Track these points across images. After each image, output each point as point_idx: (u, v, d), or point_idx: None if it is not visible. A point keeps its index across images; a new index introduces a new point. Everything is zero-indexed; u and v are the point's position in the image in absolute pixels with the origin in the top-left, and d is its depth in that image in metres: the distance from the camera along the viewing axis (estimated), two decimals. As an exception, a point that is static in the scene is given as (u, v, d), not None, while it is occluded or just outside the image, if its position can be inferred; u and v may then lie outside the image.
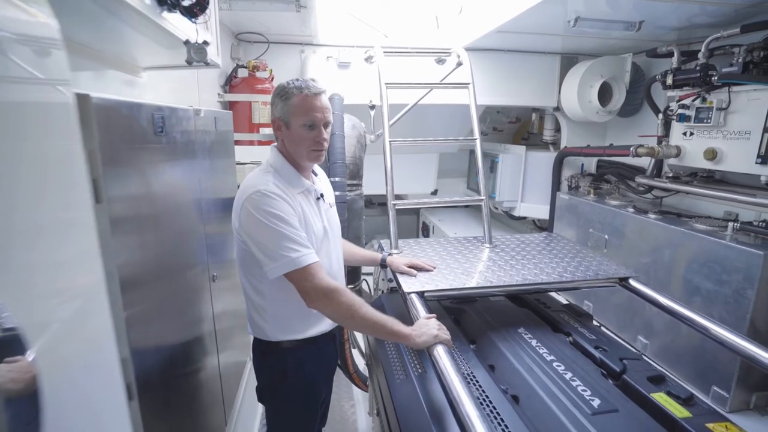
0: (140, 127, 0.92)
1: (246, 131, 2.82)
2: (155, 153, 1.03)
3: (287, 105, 1.44)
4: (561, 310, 2.12)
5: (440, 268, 2.00)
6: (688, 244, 2.36)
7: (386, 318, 1.47)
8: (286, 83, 1.47)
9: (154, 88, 1.76)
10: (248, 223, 1.39)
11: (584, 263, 2.09)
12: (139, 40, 1.23)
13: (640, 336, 2.71)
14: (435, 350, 1.37)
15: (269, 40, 2.96)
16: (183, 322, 1.34)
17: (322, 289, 1.39)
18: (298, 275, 1.38)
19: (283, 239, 1.36)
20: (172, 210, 1.18)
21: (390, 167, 2.38)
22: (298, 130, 1.45)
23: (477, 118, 2.54)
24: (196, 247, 1.44)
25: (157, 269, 1.10)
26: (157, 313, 1.10)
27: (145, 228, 1.01)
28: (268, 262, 1.38)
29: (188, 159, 1.32)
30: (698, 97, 2.35)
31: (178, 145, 1.21)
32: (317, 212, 1.59)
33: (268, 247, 1.37)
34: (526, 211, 4.06)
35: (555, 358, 1.62)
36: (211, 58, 1.43)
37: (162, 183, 1.10)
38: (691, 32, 2.68)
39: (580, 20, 2.32)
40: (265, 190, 1.38)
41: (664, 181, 2.70)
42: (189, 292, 1.38)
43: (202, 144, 1.46)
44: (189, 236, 1.37)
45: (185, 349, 1.35)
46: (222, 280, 1.77)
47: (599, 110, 3.18)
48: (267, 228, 1.36)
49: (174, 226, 1.20)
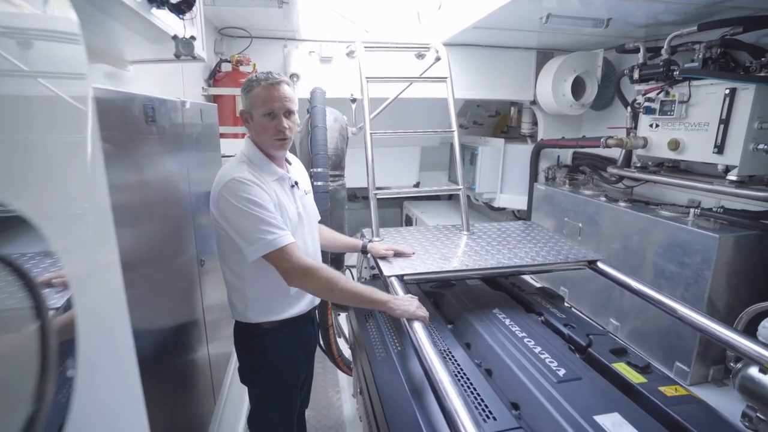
0: (133, 117, 0.98)
1: (231, 124, 2.87)
2: (147, 142, 1.09)
3: (249, 97, 1.51)
4: (534, 293, 2.24)
5: (419, 253, 2.09)
6: (654, 229, 2.51)
7: (365, 287, 1.57)
8: (251, 77, 1.53)
9: (140, 81, 1.80)
10: (225, 209, 1.44)
11: (556, 248, 2.20)
12: (126, 35, 1.28)
13: (612, 319, 2.86)
14: (413, 325, 1.46)
15: (252, 35, 3.00)
16: (175, 310, 1.40)
17: (301, 267, 1.45)
18: (276, 256, 1.44)
19: (259, 222, 1.42)
20: (163, 198, 1.24)
21: (371, 158, 2.46)
22: (260, 120, 1.51)
23: (454, 111, 2.63)
24: (186, 235, 1.50)
25: (149, 256, 1.16)
26: (150, 300, 1.16)
27: (138, 216, 1.07)
28: (246, 245, 1.44)
29: (177, 149, 1.37)
30: (662, 91, 2.49)
31: (168, 136, 1.27)
32: (292, 199, 1.64)
33: (246, 231, 1.43)
34: (506, 202, 4.18)
35: (526, 335, 1.74)
36: (197, 52, 1.49)
37: (154, 172, 1.16)
38: (657, 29, 2.82)
39: (551, 17, 2.43)
40: (239, 177, 1.44)
41: (633, 171, 2.85)
42: (180, 280, 1.44)
43: (189, 135, 1.52)
44: (179, 225, 1.43)
45: (177, 336, 1.41)
46: (211, 272, 1.82)
47: (573, 104, 3.31)
48: (243, 213, 1.42)
49: (165, 215, 1.26)
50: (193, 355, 1.56)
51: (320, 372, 3.42)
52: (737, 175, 2.21)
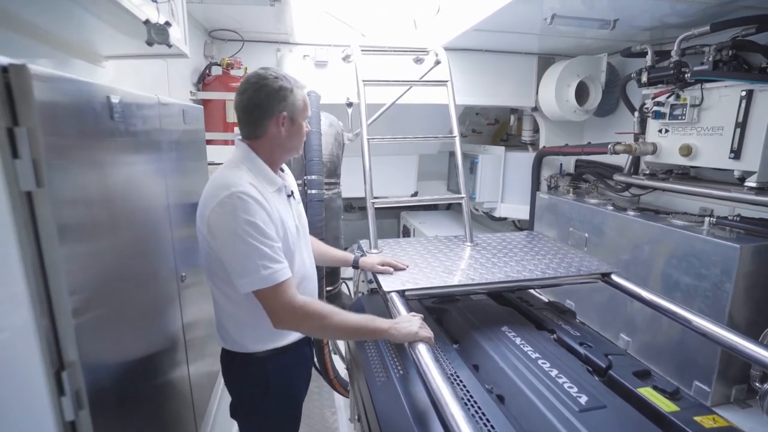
0: (92, 110, 0.84)
1: (220, 130, 2.73)
2: (111, 141, 0.95)
3: (295, 100, 1.39)
4: (544, 308, 2.09)
5: (421, 266, 1.95)
6: (666, 239, 2.38)
7: (362, 319, 1.40)
8: (283, 77, 1.38)
9: (119, 80, 1.66)
10: (219, 229, 1.27)
11: (566, 260, 2.07)
12: (97, 24, 1.15)
13: (622, 334, 2.72)
14: (416, 348, 1.31)
15: (244, 38, 2.88)
16: (147, 329, 1.24)
17: (291, 307, 1.30)
18: (267, 293, 1.28)
19: (255, 254, 1.26)
20: (133, 208, 1.08)
21: (368, 165, 2.32)
22: (302, 125, 1.45)
23: (456, 115, 2.51)
24: (162, 249, 1.35)
25: (114, 273, 1.01)
26: (115, 322, 1.00)
27: (99, 223, 0.92)
28: (237, 276, 1.28)
29: (151, 152, 1.23)
30: (672, 94, 2.38)
31: (140, 135, 1.12)
32: (290, 211, 1.51)
33: (239, 261, 1.27)
34: (507, 212, 4.06)
35: (540, 355, 1.59)
36: (177, 46, 1.36)
37: (120, 177, 1.01)
38: (662, 32, 2.73)
39: (556, 17, 2.33)
40: (240, 192, 1.26)
41: (641, 178, 2.73)
42: (155, 297, 1.28)
43: (168, 137, 1.37)
44: (153, 238, 1.28)
45: (150, 358, 1.25)
46: (195, 286, 1.67)
47: (576, 109, 3.20)
48: (240, 240, 1.25)
49: (135, 227, 1.11)
50: (170, 378, 1.39)
51: (314, 391, 3.24)
52: (756, 182, 2.09)
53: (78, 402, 0.74)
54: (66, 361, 0.72)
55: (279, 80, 1.37)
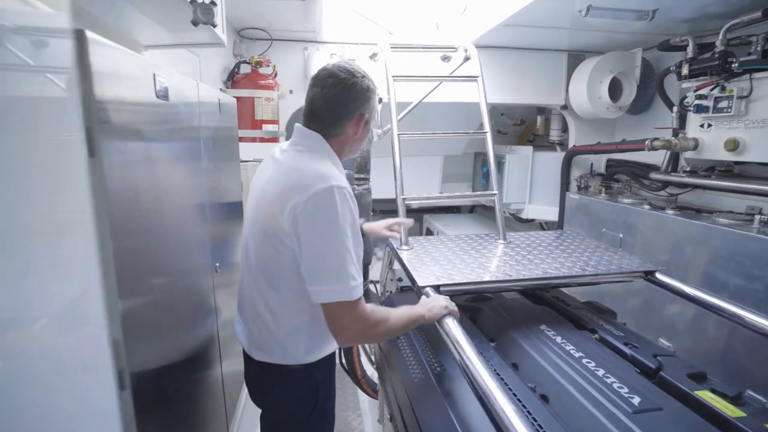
0: (142, 86, 0.82)
1: (249, 128, 2.74)
2: (158, 118, 0.93)
3: (373, 103, 1.32)
4: (582, 308, 2.01)
5: (454, 263, 1.89)
6: (711, 239, 2.26)
7: (405, 311, 1.35)
8: (367, 76, 1.28)
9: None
10: (311, 224, 1.11)
11: (605, 257, 1.98)
12: (132, 12, 1.14)
13: (662, 338, 2.59)
14: (446, 324, 1.33)
15: (272, 36, 2.89)
16: (185, 318, 1.22)
17: (365, 321, 1.18)
18: (344, 306, 1.14)
19: (347, 260, 1.11)
20: (175, 186, 1.07)
21: (399, 162, 2.29)
22: (371, 128, 1.42)
23: (487, 111, 2.46)
24: (201, 239, 1.33)
25: (157, 264, 0.99)
26: (157, 312, 0.98)
27: (145, 198, 0.90)
28: (317, 282, 1.13)
29: (193, 135, 1.22)
30: (716, 86, 2.27)
31: (182, 117, 1.11)
32: None
33: (326, 264, 1.12)
34: (535, 213, 3.96)
35: (583, 354, 1.51)
36: (216, 33, 1.35)
37: (166, 154, 1.00)
38: (702, 24, 2.62)
39: (592, 9, 2.25)
40: (341, 185, 1.13)
41: (681, 175, 2.61)
42: (192, 285, 1.26)
43: (205, 125, 1.36)
44: (193, 227, 1.26)
45: (187, 348, 1.23)
46: (226, 286, 1.65)
47: (610, 106, 3.11)
48: (334, 239, 1.10)
49: (177, 204, 1.09)
50: (205, 372, 1.36)
51: (339, 392, 3.19)
52: (812, 177, 1.97)
53: (121, 383, 0.71)
54: (110, 339, 0.70)
55: (366, 79, 1.28)
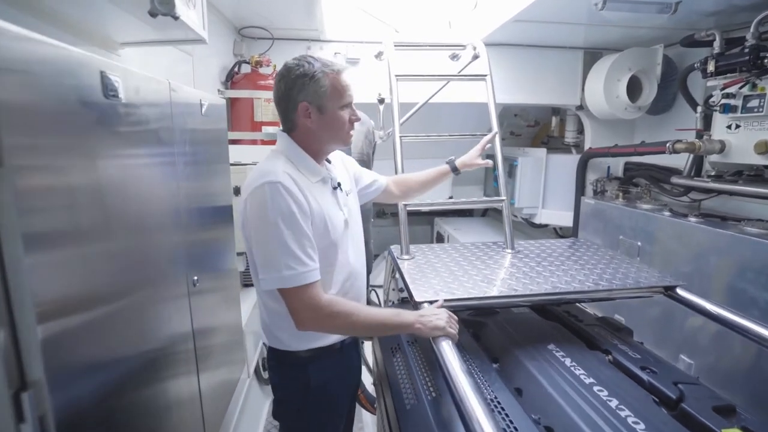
0: (81, 84, 0.73)
1: (248, 130, 2.65)
2: (106, 121, 0.84)
3: (317, 87, 1.27)
4: (595, 324, 1.86)
5: (457, 275, 1.76)
6: (739, 249, 2.08)
7: (388, 313, 1.34)
8: (305, 63, 1.27)
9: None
10: (251, 221, 1.23)
11: (621, 270, 1.83)
12: (110, 8, 1.05)
13: (683, 355, 2.42)
14: (440, 345, 1.23)
15: (273, 35, 2.81)
16: (146, 339, 1.11)
17: (312, 308, 1.23)
18: (287, 293, 1.24)
19: (280, 249, 1.20)
20: (131, 192, 0.97)
21: (400, 165, 2.17)
22: (335, 114, 1.32)
23: (496, 111, 2.32)
24: (172, 252, 1.23)
25: (104, 272, 0.89)
26: (104, 330, 0.88)
27: (82, 219, 0.80)
28: (261, 271, 1.25)
29: (162, 137, 1.12)
30: (746, 84, 2.10)
31: (146, 117, 1.01)
32: (336, 204, 1.43)
33: (263, 255, 1.23)
34: (548, 218, 3.80)
35: (595, 380, 1.37)
36: (194, 29, 1.25)
37: (116, 157, 0.90)
38: (729, 17, 2.44)
39: (609, 2, 2.10)
40: (275, 180, 1.20)
41: (705, 180, 2.43)
42: (156, 304, 1.16)
43: (181, 129, 1.27)
44: (161, 240, 1.16)
45: (148, 371, 1.11)
46: (210, 292, 1.55)
47: (628, 106, 2.93)
48: (266, 231, 1.20)
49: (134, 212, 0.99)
50: (173, 392, 1.26)
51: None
52: None
53: (42, 430, 0.61)
54: (29, 380, 0.60)
55: (300, 67, 1.27)
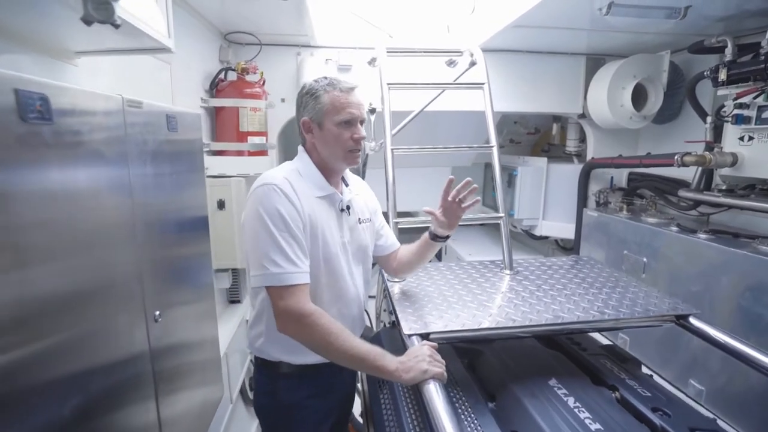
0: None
1: (233, 140, 2.52)
2: (26, 149, 0.71)
3: (317, 103, 1.34)
4: (601, 353, 1.72)
5: (450, 301, 1.63)
6: (754, 270, 1.95)
7: (370, 351, 1.23)
8: (314, 81, 1.38)
9: (103, 84, 1.46)
10: (246, 221, 1.29)
11: (628, 296, 1.69)
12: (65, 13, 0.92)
13: (693, 380, 2.27)
14: (427, 390, 1.10)
15: (261, 41, 2.68)
16: (87, 378, 0.97)
17: (295, 312, 1.22)
18: (273, 292, 1.25)
19: (270, 247, 1.23)
20: (63, 228, 0.84)
21: (392, 179, 2.05)
22: (334, 130, 1.34)
23: (493, 122, 2.19)
24: (125, 282, 1.10)
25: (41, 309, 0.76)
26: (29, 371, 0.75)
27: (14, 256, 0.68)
28: (251, 268, 1.29)
29: (109, 160, 0.99)
30: (762, 93, 1.97)
31: (87, 143, 0.88)
32: (337, 224, 1.43)
33: (254, 252, 1.26)
34: (549, 230, 3.66)
35: (601, 426, 1.23)
36: (153, 37, 1.12)
37: (49, 190, 0.77)
38: (739, 22, 2.31)
39: (614, 6, 1.97)
40: (272, 183, 1.27)
41: (716, 195, 2.30)
42: (101, 328, 1.01)
43: (142, 135, 1.14)
44: (109, 268, 1.02)
45: (87, 402, 0.97)
46: (177, 310, 1.41)
47: (633, 115, 2.80)
48: (258, 229, 1.25)
49: (64, 250, 0.86)
50: (124, 421, 1.11)
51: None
52: None
53: None
54: None
55: (309, 86, 1.37)
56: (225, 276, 2.65)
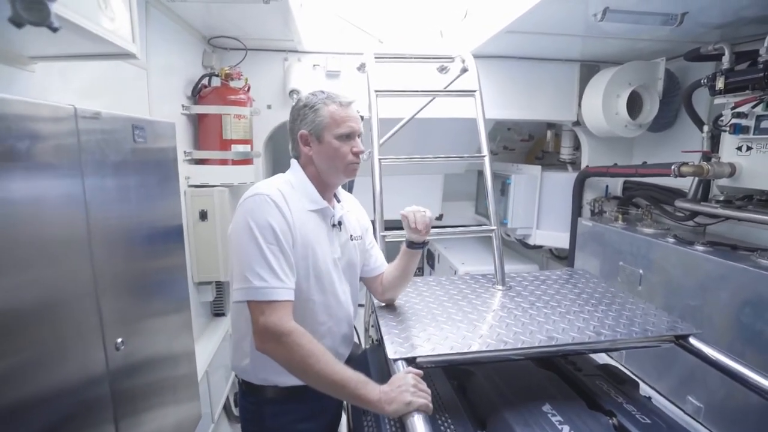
0: None
1: (217, 149, 2.43)
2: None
3: (316, 116, 1.33)
4: (597, 374, 1.64)
5: (439, 320, 1.55)
6: (754, 285, 1.88)
7: (352, 377, 1.15)
8: (312, 95, 1.37)
9: (67, 91, 1.37)
10: (233, 230, 1.26)
11: (625, 313, 1.62)
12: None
13: (691, 397, 2.20)
14: (410, 422, 1.04)
15: (247, 46, 2.60)
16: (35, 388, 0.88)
17: (275, 329, 1.17)
18: (254, 307, 1.20)
19: (256, 259, 1.20)
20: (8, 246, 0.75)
21: (379, 190, 1.97)
22: (333, 143, 1.33)
23: (485, 131, 2.12)
24: (81, 306, 1.01)
25: None
26: None
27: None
28: (233, 282, 1.25)
29: (59, 178, 0.90)
30: (760, 103, 1.91)
31: (31, 156, 0.80)
32: (328, 239, 1.40)
33: (238, 263, 1.22)
34: (543, 240, 3.59)
35: (599, 459, 1.15)
36: (115, 43, 1.03)
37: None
38: (737, 30, 2.26)
39: (609, 12, 1.91)
40: (262, 192, 1.25)
41: (714, 206, 2.23)
42: (51, 351, 0.92)
43: (97, 158, 1.05)
44: (60, 291, 0.94)
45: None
46: (142, 324, 1.32)
47: (628, 123, 2.74)
48: (245, 240, 1.21)
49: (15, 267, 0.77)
50: None
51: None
52: None
53: None
54: None
55: (307, 99, 1.36)
56: (208, 289, 2.55)
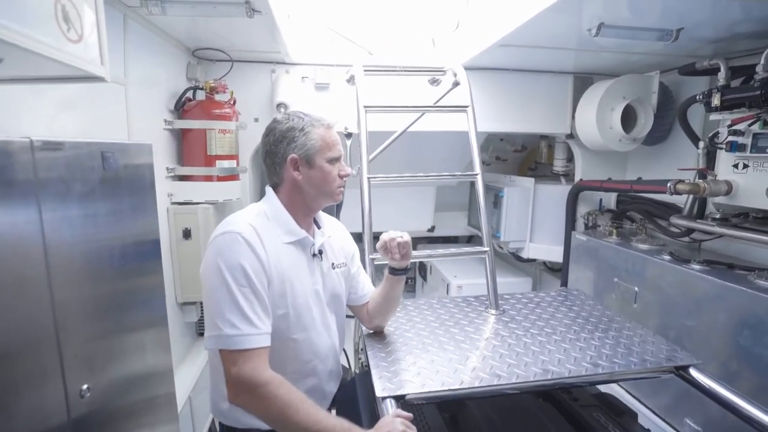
0: None
1: (201, 164, 2.35)
2: None
3: (307, 140, 1.27)
4: (594, 405, 1.58)
5: (430, 349, 1.48)
6: (751, 306, 1.83)
7: (335, 425, 1.09)
8: (296, 117, 1.30)
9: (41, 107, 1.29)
10: (204, 272, 1.18)
11: (623, 341, 1.56)
12: None
13: (689, 420, 2.14)
14: None
15: (233, 57, 2.52)
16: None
17: (249, 381, 1.09)
18: (227, 357, 1.13)
19: (227, 305, 1.12)
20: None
21: (368, 209, 1.90)
22: (324, 167, 1.29)
23: (478, 147, 2.06)
24: (38, 349, 0.93)
25: None
26: None
27: None
28: (206, 329, 1.18)
29: (10, 215, 0.82)
30: (757, 121, 1.87)
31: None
32: (308, 271, 1.33)
33: (209, 309, 1.16)
34: (536, 253, 3.53)
35: (598, 507, 1.08)
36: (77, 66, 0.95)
37: None
38: (731, 45, 2.23)
39: (604, 28, 1.87)
40: (234, 230, 1.17)
41: (710, 224, 2.19)
42: None
43: (59, 190, 0.97)
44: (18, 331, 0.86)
45: None
46: (108, 362, 1.23)
47: (622, 137, 2.70)
48: (217, 283, 1.14)
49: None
50: None
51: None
52: None
53: None
54: None
55: (290, 121, 1.29)
56: (192, 309, 2.46)
